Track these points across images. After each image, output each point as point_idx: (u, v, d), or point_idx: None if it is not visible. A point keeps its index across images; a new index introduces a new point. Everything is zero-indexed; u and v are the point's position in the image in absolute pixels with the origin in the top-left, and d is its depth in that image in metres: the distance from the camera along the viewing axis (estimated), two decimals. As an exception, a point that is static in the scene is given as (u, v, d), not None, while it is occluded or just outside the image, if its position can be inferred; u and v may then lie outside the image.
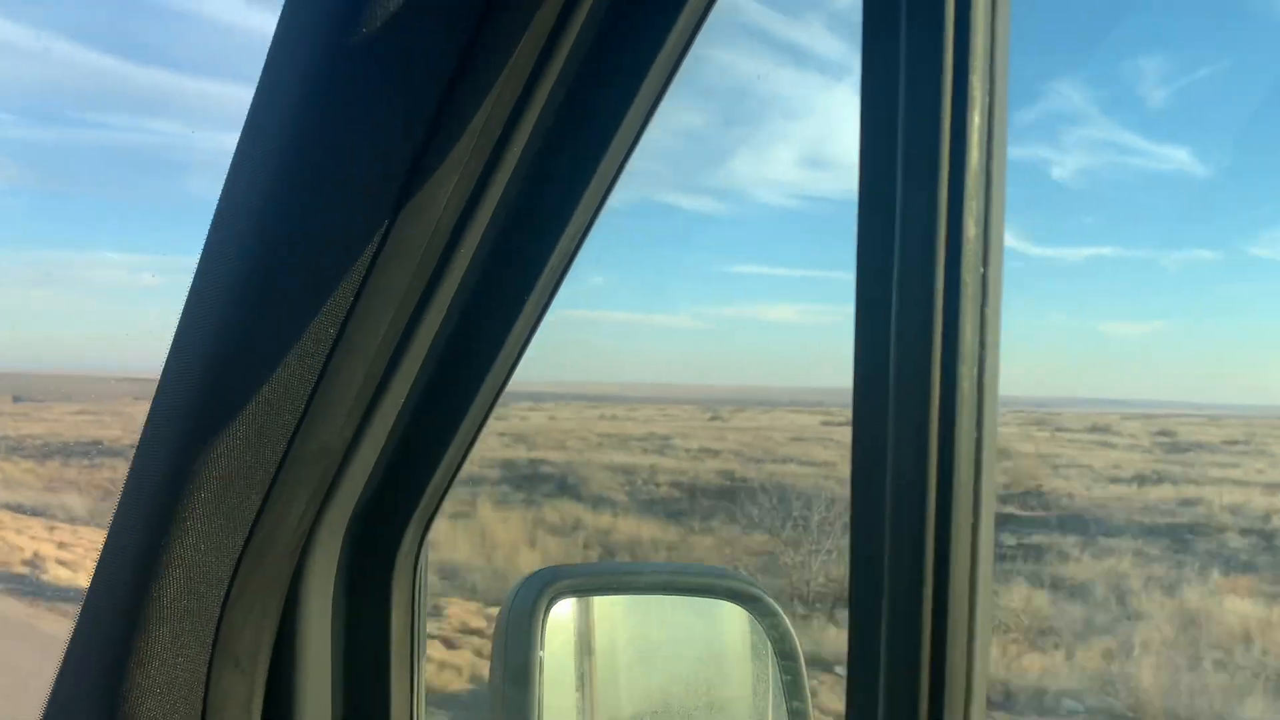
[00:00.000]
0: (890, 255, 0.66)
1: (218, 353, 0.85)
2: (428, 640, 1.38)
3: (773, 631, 1.42)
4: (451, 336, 0.94)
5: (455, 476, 1.02)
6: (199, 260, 0.86)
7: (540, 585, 1.29)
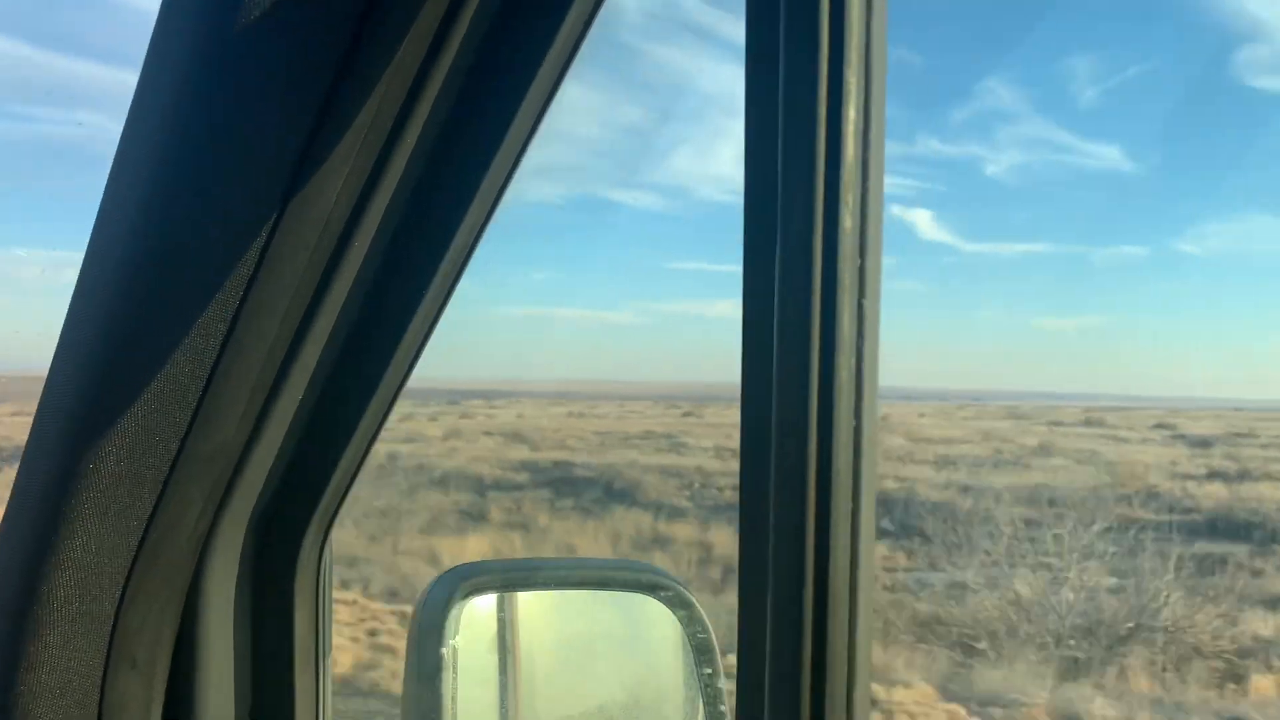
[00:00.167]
0: (773, 248, 0.67)
1: (103, 351, 0.83)
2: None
3: (691, 626, 1.43)
4: (349, 333, 0.94)
5: (357, 474, 1.01)
6: (84, 257, 0.84)
7: (455, 582, 1.28)
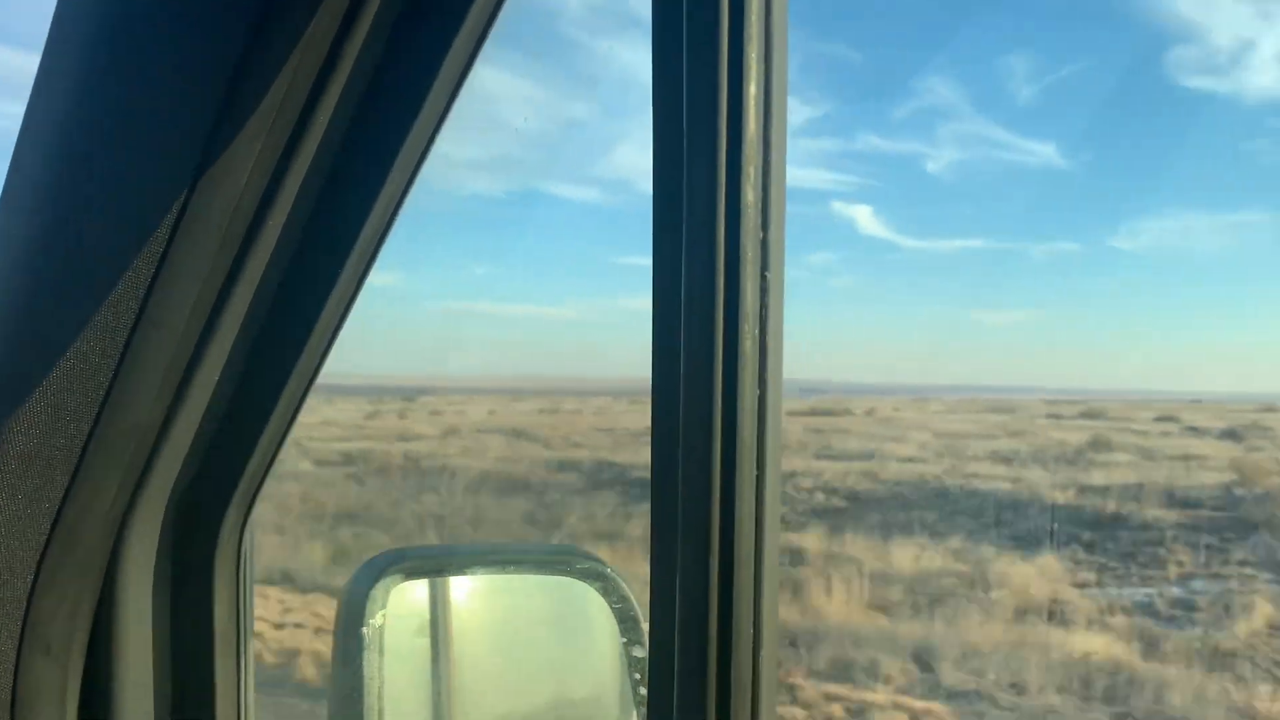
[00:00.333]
0: (680, 222, 0.68)
1: (9, 329, 0.82)
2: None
3: (619, 606, 1.44)
4: (267, 313, 0.93)
5: (277, 455, 1.01)
6: (-9, 233, 0.83)
7: (380, 568, 1.28)
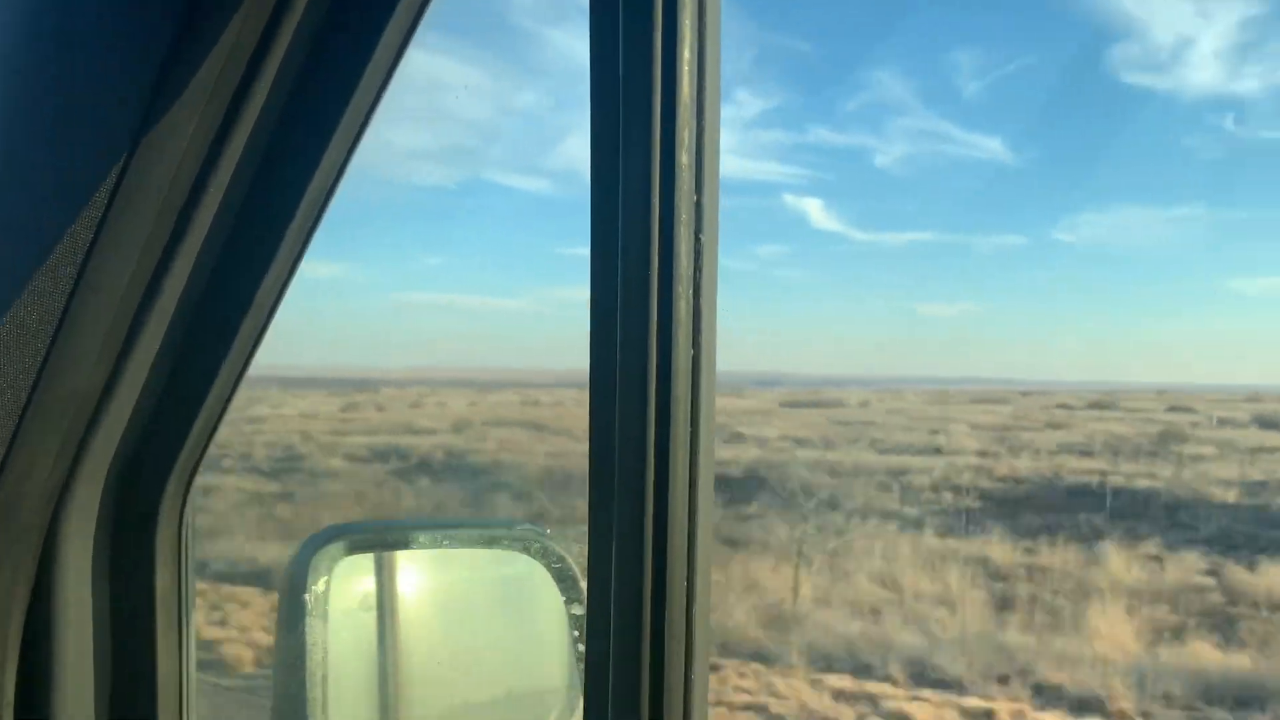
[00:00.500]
0: (616, 184, 0.70)
1: None
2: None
3: (563, 581, 1.45)
4: (207, 282, 0.93)
5: (219, 424, 1.01)
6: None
7: (321, 544, 1.28)
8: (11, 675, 0.98)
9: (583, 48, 0.71)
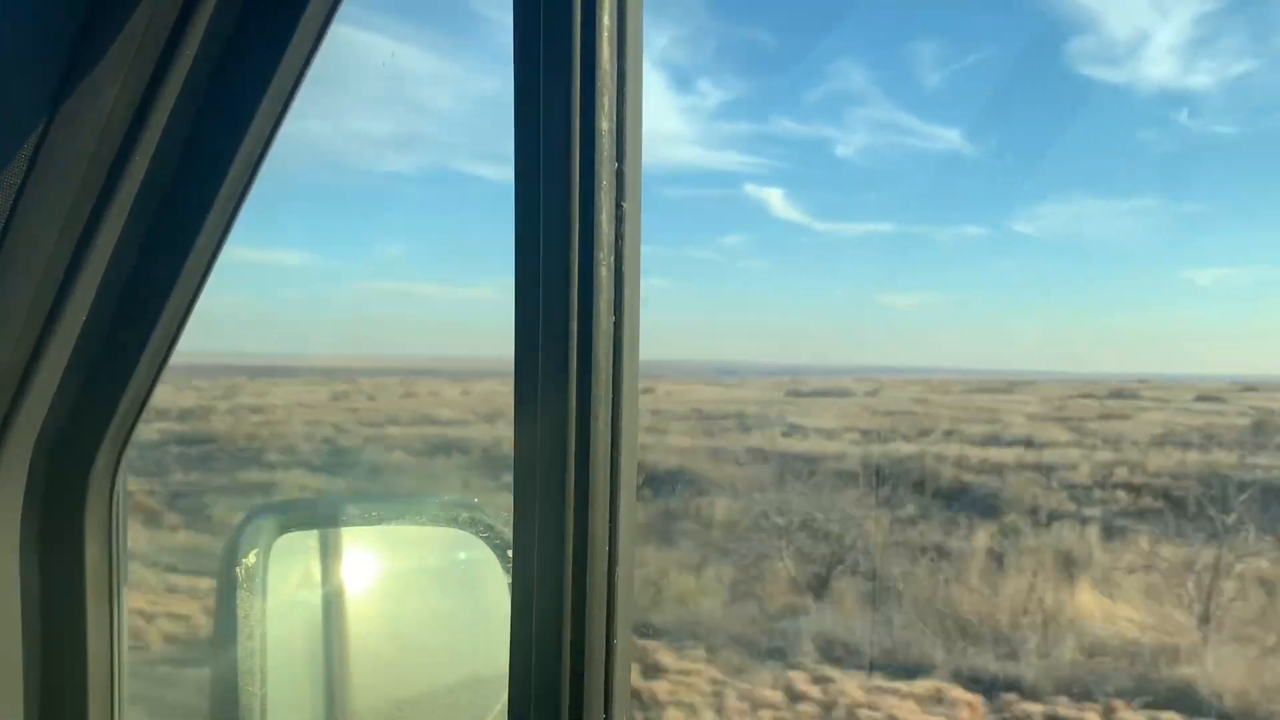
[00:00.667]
0: (537, 149, 0.70)
1: None
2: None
3: (504, 557, 1.45)
4: (138, 249, 0.92)
5: (150, 395, 1.00)
6: None
7: (259, 523, 1.27)
8: None
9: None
